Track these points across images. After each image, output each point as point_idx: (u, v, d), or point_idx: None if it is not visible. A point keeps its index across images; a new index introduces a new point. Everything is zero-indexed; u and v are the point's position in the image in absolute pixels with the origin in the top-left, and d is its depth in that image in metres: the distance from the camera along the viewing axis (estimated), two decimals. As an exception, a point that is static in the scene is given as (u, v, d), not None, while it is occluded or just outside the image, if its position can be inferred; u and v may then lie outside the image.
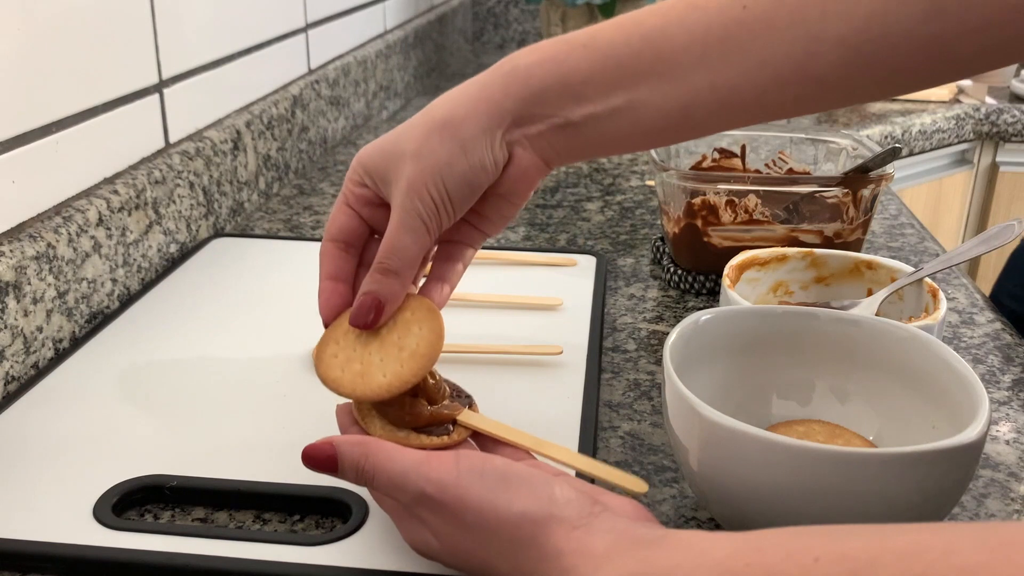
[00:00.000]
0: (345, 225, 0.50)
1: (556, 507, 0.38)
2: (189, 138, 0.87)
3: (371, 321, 0.47)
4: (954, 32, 0.43)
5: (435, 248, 0.53)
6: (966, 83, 1.76)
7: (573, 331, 0.68)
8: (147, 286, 0.76)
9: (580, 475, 0.48)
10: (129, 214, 0.75)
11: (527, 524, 0.38)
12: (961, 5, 0.42)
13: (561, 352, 0.65)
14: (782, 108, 0.47)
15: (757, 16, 0.45)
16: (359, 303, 0.47)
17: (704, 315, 0.53)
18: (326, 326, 0.50)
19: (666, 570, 0.34)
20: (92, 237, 0.70)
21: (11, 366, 0.61)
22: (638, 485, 0.43)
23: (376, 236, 0.51)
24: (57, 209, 0.68)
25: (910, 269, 0.65)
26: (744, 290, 0.68)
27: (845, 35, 0.44)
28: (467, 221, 0.51)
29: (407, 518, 0.42)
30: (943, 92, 1.66)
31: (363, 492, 0.50)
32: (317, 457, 0.43)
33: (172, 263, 0.81)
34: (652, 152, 0.80)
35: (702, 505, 0.51)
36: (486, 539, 0.38)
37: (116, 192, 0.73)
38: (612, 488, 0.42)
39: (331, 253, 0.50)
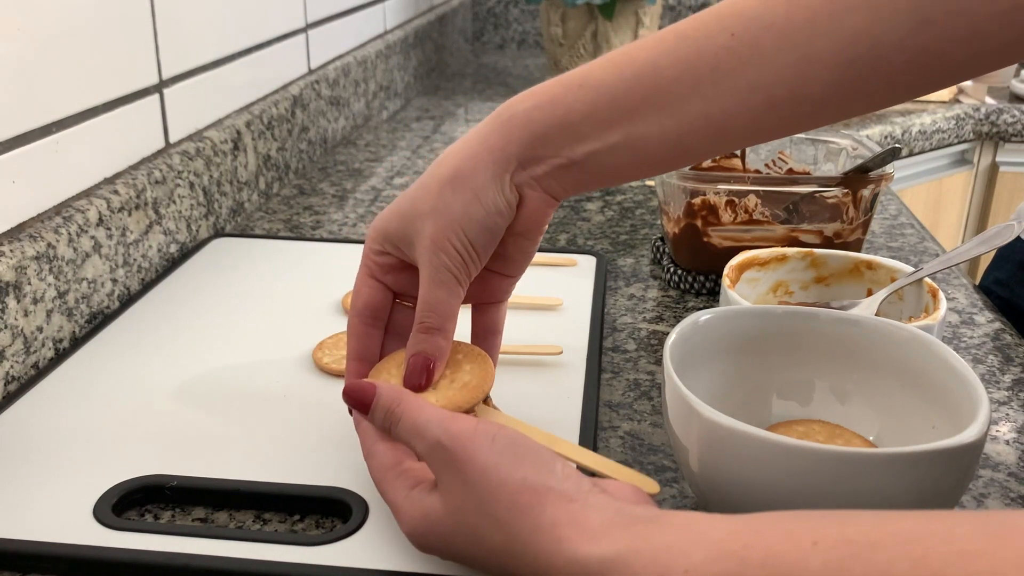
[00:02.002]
0: (371, 299, 0.52)
1: (555, 479, 0.38)
2: (189, 138, 0.87)
3: (425, 381, 0.48)
4: (943, 42, 0.43)
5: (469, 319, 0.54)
6: (966, 83, 1.76)
7: (573, 331, 0.68)
8: (147, 286, 0.76)
9: (593, 473, 0.48)
10: (129, 214, 0.75)
11: (526, 492, 0.38)
12: (948, 15, 0.42)
13: (561, 352, 0.65)
14: (777, 129, 0.48)
15: (745, 42, 0.45)
16: (411, 364, 0.48)
17: (704, 315, 0.53)
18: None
19: (661, 548, 0.34)
20: (92, 237, 0.70)
21: (11, 366, 0.61)
22: (650, 486, 0.43)
23: (399, 301, 0.53)
24: (57, 209, 0.68)
25: (910, 269, 0.65)
26: (744, 290, 0.68)
27: (835, 54, 0.44)
28: (492, 271, 0.52)
29: (408, 500, 0.42)
30: (943, 92, 1.66)
31: (363, 492, 0.50)
32: (357, 394, 0.45)
33: (172, 263, 0.81)
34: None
35: (702, 505, 0.51)
36: (485, 502, 0.39)
37: (116, 192, 0.73)
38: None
39: (358, 331, 0.52)
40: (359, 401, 0.45)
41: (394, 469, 0.44)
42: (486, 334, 0.54)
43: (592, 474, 0.50)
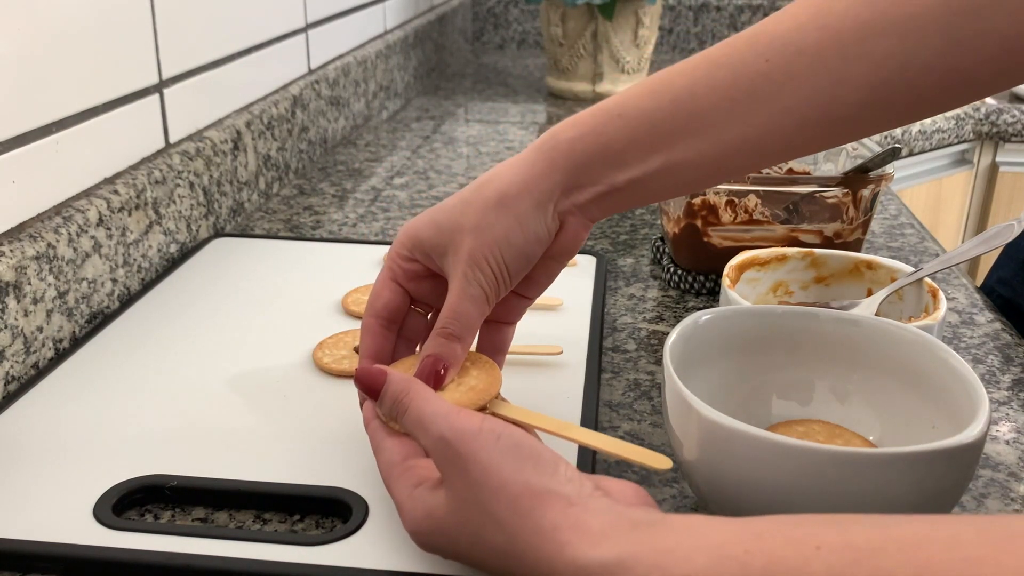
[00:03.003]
0: (390, 302, 0.52)
1: (557, 483, 0.38)
2: (189, 138, 0.87)
3: (434, 384, 0.49)
4: (972, 61, 0.44)
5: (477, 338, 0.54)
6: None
7: (573, 331, 0.68)
8: (147, 286, 0.76)
9: (594, 466, 0.49)
10: (129, 214, 0.75)
11: (527, 494, 0.38)
12: (976, 35, 0.43)
13: (561, 352, 0.65)
14: (810, 147, 0.49)
15: (779, 67, 0.46)
16: (424, 365, 0.49)
17: (704, 315, 0.53)
18: (362, 405, 0.51)
19: (662, 552, 0.34)
20: (92, 237, 0.70)
21: (11, 366, 0.61)
22: (662, 462, 0.43)
23: (414, 307, 0.54)
24: (57, 209, 0.68)
25: (910, 269, 0.65)
26: (744, 290, 0.68)
27: (866, 76, 0.45)
28: (512, 291, 0.52)
29: (411, 498, 0.42)
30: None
31: (363, 492, 0.50)
32: (367, 379, 0.46)
33: (172, 263, 0.81)
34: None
35: (702, 505, 0.51)
36: (487, 502, 0.39)
37: (116, 192, 0.73)
38: (631, 467, 0.42)
39: (374, 331, 0.52)
40: (369, 386, 0.46)
41: (400, 465, 0.44)
42: (493, 352, 0.55)
43: (592, 469, 0.51)
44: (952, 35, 0.43)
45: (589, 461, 0.52)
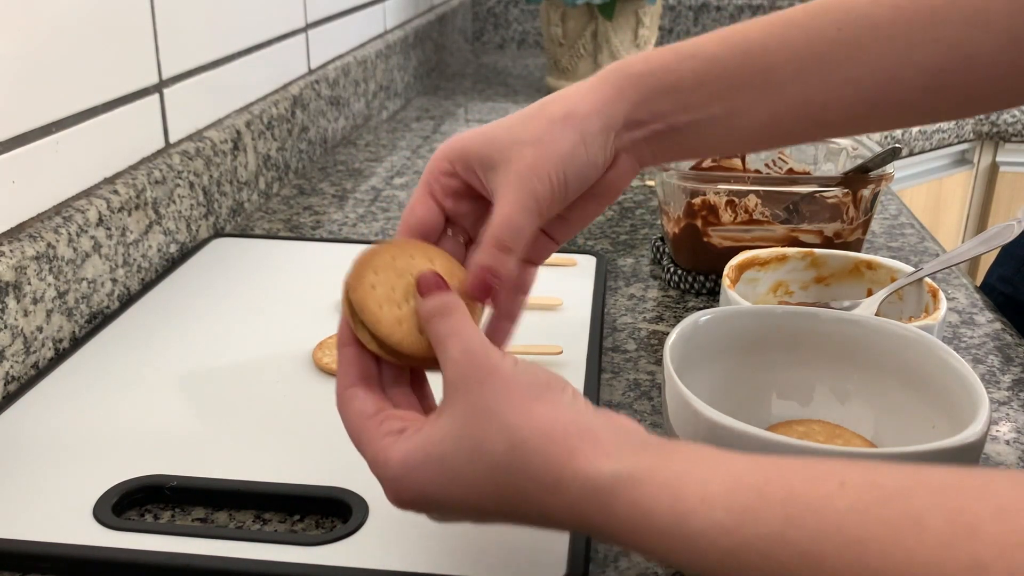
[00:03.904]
0: (425, 219, 0.49)
1: (568, 397, 0.38)
2: (189, 138, 0.87)
3: (483, 296, 0.47)
4: None
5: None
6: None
7: (573, 331, 0.68)
8: (147, 286, 0.76)
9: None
10: (129, 214, 0.75)
11: (541, 402, 0.38)
12: None
13: (561, 352, 0.65)
14: (866, 126, 0.50)
15: (850, 37, 0.47)
16: (476, 276, 0.46)
17: (704, 315, 0.53)
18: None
19: (675, 474, 0.33)
20: (92, 237, 0.70)
21: (11, 366, 0.61)
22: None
23: (449, 232, 0.51)
24: (57, 209, 0.68)
25: (910, 269, 0.65)
26: (744, 290, 0.68)
27: (932, 60, 0.46)
28: (542, 230, 0.51)
29: (401, 440, 0.40)
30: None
31: (364, 492, 0.50)
32: (430, 282, 0.44)
33: (172, 263, 0.81)
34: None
35: (702, 505, 0.51)
36: (496, 404, 0.38)
37: (116, 192, 0.73)
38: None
39: None
40: (429, 287, 0.44)
41: (376, 416, 0.42)
42: (516, 291, 0.52)
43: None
44: (1014, 33, 0.44)
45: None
